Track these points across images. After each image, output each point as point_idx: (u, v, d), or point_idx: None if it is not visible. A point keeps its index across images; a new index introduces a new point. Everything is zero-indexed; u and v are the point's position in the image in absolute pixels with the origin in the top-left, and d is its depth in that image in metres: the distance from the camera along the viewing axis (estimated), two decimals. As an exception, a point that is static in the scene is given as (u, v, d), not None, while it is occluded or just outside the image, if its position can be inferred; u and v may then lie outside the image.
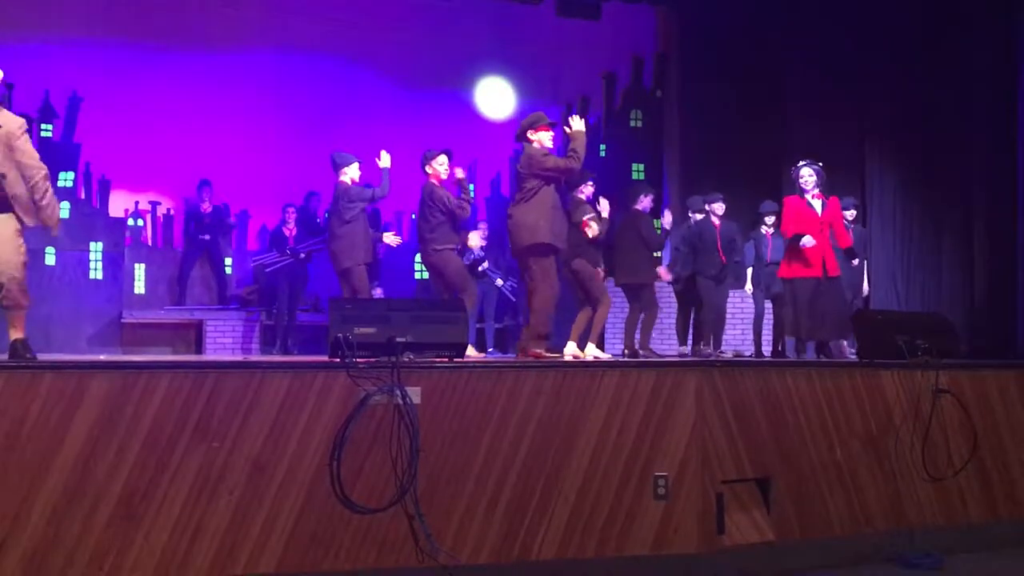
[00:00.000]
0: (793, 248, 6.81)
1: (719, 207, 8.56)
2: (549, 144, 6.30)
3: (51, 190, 4.78)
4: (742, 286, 9.20)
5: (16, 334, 4.69)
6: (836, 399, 5.30)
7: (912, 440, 5.41)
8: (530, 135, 6.22)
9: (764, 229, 8.87)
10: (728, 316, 8.84)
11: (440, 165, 7.17)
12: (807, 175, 6.87)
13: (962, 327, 8.72)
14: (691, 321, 8.84)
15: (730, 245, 8.48)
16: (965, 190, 9.27)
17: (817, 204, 6.86)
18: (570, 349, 6.78)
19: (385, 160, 7.55)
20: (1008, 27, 8.61)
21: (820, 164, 7.00)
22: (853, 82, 10.06)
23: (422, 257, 7.31)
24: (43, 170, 4.74)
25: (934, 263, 9.62)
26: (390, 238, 8.31)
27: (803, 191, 6.88)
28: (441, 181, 7.16)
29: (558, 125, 6.54)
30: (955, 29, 9.27)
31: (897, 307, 9.59)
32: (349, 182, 7.57)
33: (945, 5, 9.40)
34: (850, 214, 8.44)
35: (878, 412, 5.40)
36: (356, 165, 7.63)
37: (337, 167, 7.59)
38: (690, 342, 8.84)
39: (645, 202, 8.11)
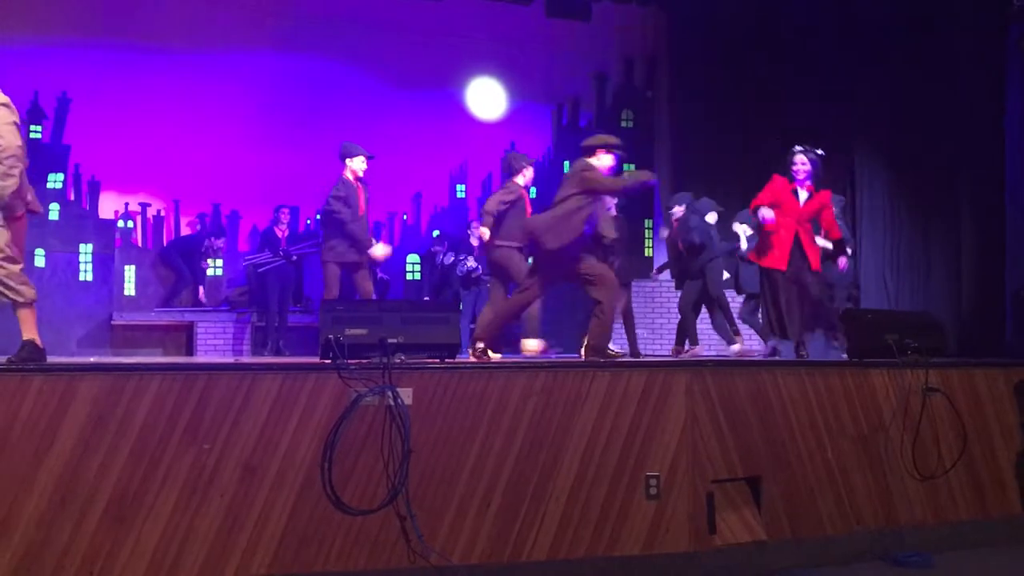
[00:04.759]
0: (765, 235, 6.66)
1: (677, 210, 8.82)
2: (609, 165, 6.19)
3: (12, 172, 4.30)
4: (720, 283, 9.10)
5: (25, 334, 4.36)
6: (826, 398, 5.31)
7: (902, 439, 5.43)
8: (599, 152, 6.13)
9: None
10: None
11: (529, 174, 7.18)
12: (799, 163, 6.62)
13: (951, 326, 8.75)
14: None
15: (691, 245, 8.56)
16: (953, 189, 9.29)
17: (802, 194, 6.63)
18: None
19: (380, 251, 7.53)
20: (995, 26, 8.64)
21: (819, 152, 6.72)
22: (844, 83, 10.08)
23: (487, 254, 7.21)
24: (8, 151, 4.29)
25: (923, 262, 9.64)
26: (380, 250, 7.78)
27: (792, 177, 6.65)
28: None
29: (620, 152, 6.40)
30: (942, 25, 9.29)
31: (887, 306, 9.61)
32: (350, 175, 7.43)
33: (931, 2, 9.43)
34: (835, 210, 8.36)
35: (868, 411, 5.42)
36: (362, 158, 7.43)
37: (341, 157, 7.43)
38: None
39: None
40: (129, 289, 10.31)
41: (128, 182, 10.78)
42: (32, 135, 10.15)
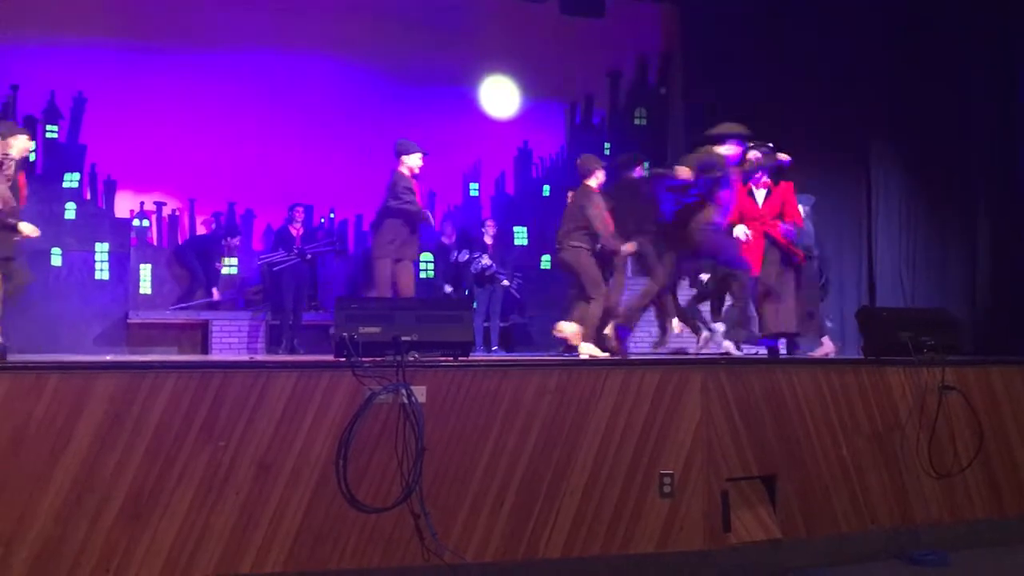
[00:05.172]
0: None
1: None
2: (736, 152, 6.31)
3: None
4: None
5: None
6: (842, 396, 5.29)
7: (918, 437, 5.40)
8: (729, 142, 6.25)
9: None
10: None
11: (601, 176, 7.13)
12: (751, 159, 6.53)
13: (967, 323, 8.70)
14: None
15: None
16: (969, 185, 9.25)
17: (759, 193, 6.52)
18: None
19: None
20: (1006, 18, 8.59)
21: (770, 146, 6.60)
22: (857, 79, 10.03)
23: (558, 255, 7.17)
24: None
25: (939, 260, 9.60)
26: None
27: (747, 177, 6.54)
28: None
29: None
30: (952, 19, 9.23)
31: (903, 304, 9.56)
32: (406, 171, 7.38)
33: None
34: (803, 210, 7.97)
35: (884, 409, 5.39)
36: (419, 155, 7.41)
37: (397, 154, 7.40)
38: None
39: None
40: (145, 288, 10.36)
41: (144, 181, 10.83)
42: (48, 135, 10.23)
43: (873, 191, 10.09)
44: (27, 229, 6.40)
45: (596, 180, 7.06)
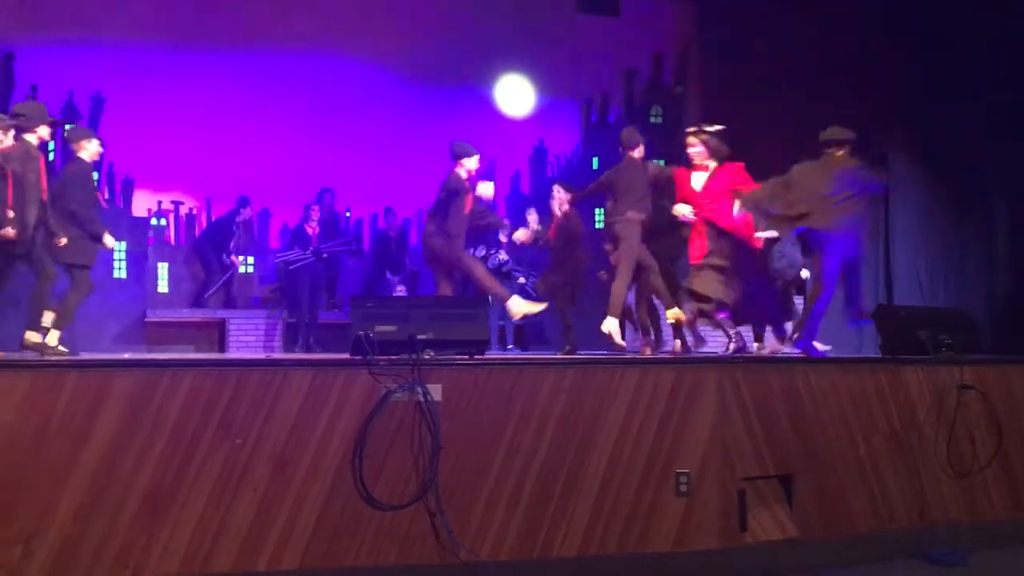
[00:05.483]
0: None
1: None
2: None
3: None
4: None
5: None
6: (859, 395, 5.26)
7: (936, 436, 5.37)
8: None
9: None
10: None
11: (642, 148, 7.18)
12: (689, 146, 6.37)
13: (986, 320, 8.62)
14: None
15: None
16: (989, 182, 9.17)
17: (697, 178, 6.31)
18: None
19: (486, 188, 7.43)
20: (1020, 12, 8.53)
21: (710, 130, 6.38)
22: (876, 74, 9.96)
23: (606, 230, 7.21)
24: None
25: (957, 255, 9.52)
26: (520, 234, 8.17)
27: (688, 162, 6.39)
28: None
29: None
30: (969, 15, 9.16)
31: (920, 300, 9.50)
32: (463, 174, 7.24)
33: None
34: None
35: (902, 408, 5.36)
36: (477, 158, 7.32)
37: (456, 156, 7.23)
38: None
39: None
40: (162, 286, 10.41)
41: (161, 180, 10.88)
42: (67, 134, 10.28)
43: (890, 188, 10.02)
44: (110, 241, 6.69)
45: (638, 152, 7.06)
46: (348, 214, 11.50)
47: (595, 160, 11.24)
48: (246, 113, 10.93)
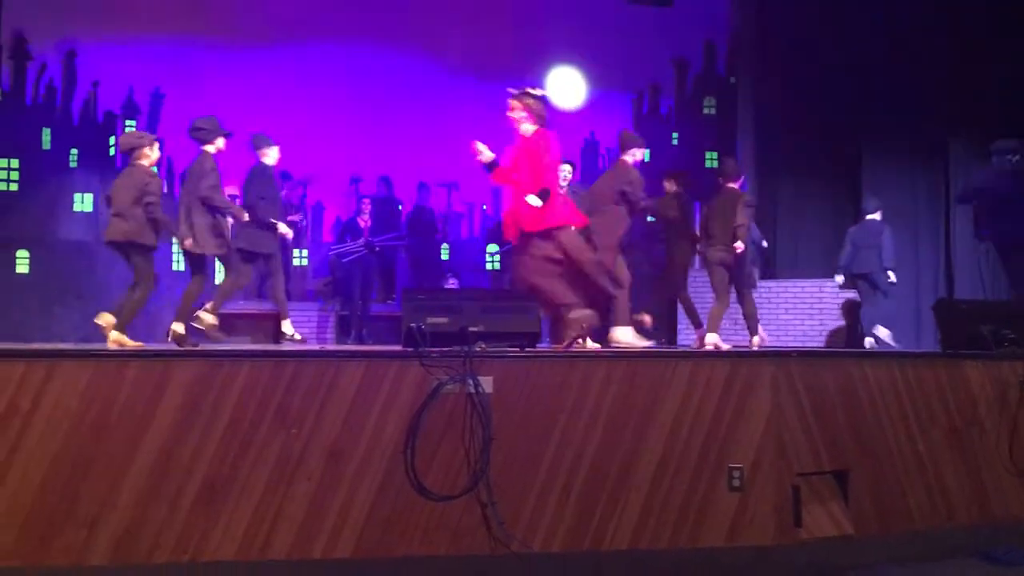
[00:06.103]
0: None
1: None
2: None
3: None
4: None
5: None
6: (917, 390, 5.16)
7: (998, 433, 5.25)
8: None
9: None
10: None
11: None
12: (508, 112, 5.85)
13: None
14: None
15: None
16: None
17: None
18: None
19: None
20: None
21: (534, 93, 5.98)
22: (937, 68, 9.74)
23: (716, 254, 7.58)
24: None
25: (1020, 250, 9.26)
26: None
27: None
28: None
29: None
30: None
31: (981, 294, 9.29)
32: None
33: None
34: (670, 185, 7.89)
35: (961, 404, 5.25)
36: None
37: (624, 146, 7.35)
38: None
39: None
40: (219, 279, 10.58)
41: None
42: (127, 130, 10.52)
43: (951, 178, 9.80)
44: (284, 228, 7.70)
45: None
46: (400, 207, 11.58)
47: (647, 153, 11.14)
48: (301, 106, 11.07)
